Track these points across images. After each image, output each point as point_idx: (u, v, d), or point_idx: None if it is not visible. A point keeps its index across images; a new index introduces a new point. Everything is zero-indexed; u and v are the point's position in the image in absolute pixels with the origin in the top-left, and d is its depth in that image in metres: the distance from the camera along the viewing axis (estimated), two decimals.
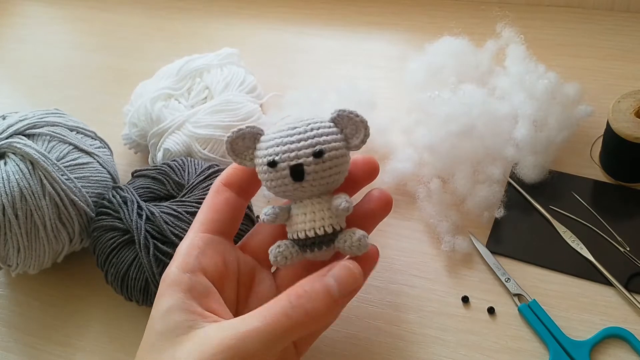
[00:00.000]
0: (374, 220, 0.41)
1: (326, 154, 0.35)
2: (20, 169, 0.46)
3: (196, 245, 0.37)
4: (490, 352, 0.41)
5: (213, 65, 0.59)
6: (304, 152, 0.35)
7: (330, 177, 0.36)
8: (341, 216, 0.37)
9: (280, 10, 0.74)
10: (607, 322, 0.41)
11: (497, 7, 0.58)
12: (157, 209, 0.45)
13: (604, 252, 0.44)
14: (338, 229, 0.36)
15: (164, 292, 0.35)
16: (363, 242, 0.36)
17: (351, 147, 0.37)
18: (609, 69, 0.56)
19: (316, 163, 0.35)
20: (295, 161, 0.34)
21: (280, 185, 0.35)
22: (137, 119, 0.55)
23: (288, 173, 0.35)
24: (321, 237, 0.36)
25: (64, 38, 0.81)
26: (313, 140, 0.35)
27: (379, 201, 0.40)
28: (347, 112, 0.36)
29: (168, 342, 0.33)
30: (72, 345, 0.48)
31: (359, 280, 0.34)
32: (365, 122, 0.36)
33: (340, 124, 0.36)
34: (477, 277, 0.45)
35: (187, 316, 0.34)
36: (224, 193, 0.39)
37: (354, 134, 0.36)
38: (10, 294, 0.53)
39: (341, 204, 0.35)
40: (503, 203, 0.48)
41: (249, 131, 0.36)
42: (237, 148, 0.37)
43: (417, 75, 0.54)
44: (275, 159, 0.35)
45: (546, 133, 0.48)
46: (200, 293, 0.35)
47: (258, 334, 0.32)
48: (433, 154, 0.49)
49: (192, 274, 0.36)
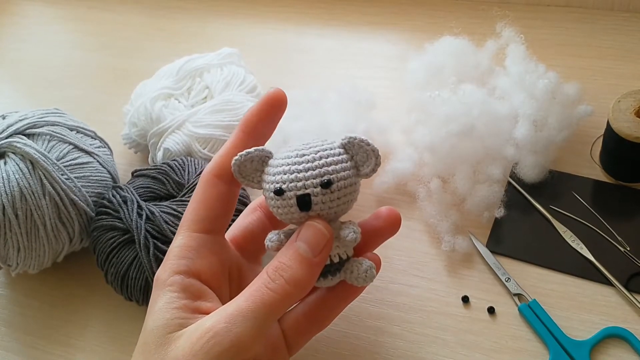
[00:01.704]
0: (380, 239, 0.39)
1: (334, 185, 0.34)
2: (20, 169, 0.46)
3: (189, 246, 0.36)
4: (491, 352, 0.41)
5: (213, 65, 0.59)
6: (312, 182, 0.33)
7: (339, 207, 0.35)
8: (349, 246, 0.36)
9: (280, 10, 0.74)
10: (607, 321, 0.41)
11: (497, 7, 0.58)
12: (157, 209, 0.45)
13: (604, 251, 0.44)
14: (345, 257, 0.36)
15: (158, 292, 0.35)
16: (370, 273, 0.35)
17: (361, 175, 0.35)
18: (609, 68, 0.56)
19: (324, 193, 0.34)
20: (303, 191, 0.34)
21: (287, 213, 0.35)
22: (137, 119, 0.55)
23: (295, 202, 0.34)
24: (327, 266, 0.35)
25: (64, 38, 0.81)
26: (322, 170, 0.34)
27: (388, 219, 0.39)
28: (357, 139, 0.34)
29: (160, 339, 0.33)
30: (72, 345, 0.48)
31: (327, 236, 0.34)
32: (376, 150, 0.35)
33: (351, 151, 0.35)
34: (477, 277, 0.45)
35: (178, 314, 0.33)
36: (215, 186, 0.37)
37: (364, 161, 0.35)
38: (10, 294, 0.53)
39: (349, 234, 0.34)
40: (503, 203, 0.48)
41: (257, 154, 0.35)
42: (244, 170, 0.36)
43: (417, 75, 0.54)
44: (282, 187, 0.34)
45: (546, 133, 0.48)
46: (194, 294, 0.35)
47: (245, 313, 0.32)
48: (433, 154, 0.49)
49: (186, 276, 0.35)
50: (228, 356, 0.31)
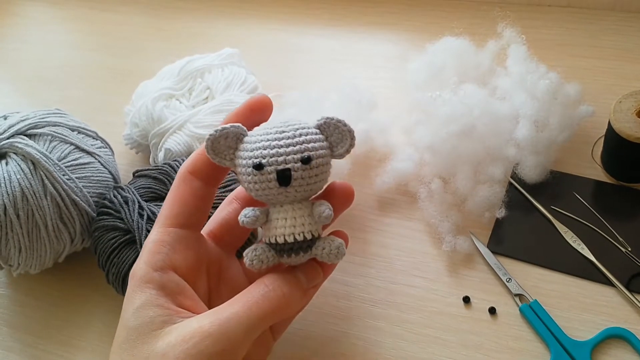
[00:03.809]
0: (335, 213, 0.39)
1: (313, 161, 0.35)
2: (22, 169, 0.46)
3: (164, 241, 0.36)
4: (491, 352, 0.41)
5: (214, 65, 0.59)
6: (292, 157, 0.34)
7: (315, 184, 0.36)
8: (322, 223, 0.36)
9: (281, 10, 0.74)
10: (608, 322, 0.41)
11: (498, 7, 0.58)
12: (158, 209, 0.45)
13: (605, 252, 0.44)
14: (316, 235, 0.36)
15: (135, 289, 0.35)
16: (341, 250, 0.36)
17: (335, 155, 0.36)
18: (610, 69, 0.56)
19: (303, 169, 0.34)
20: (283, 166, 0.34)
21: (264, 189, 0.35)
22: (139, 119, 0.55)
23: (274, 177, 0.34)
24: (300, 243, 0.36)
25: (64, 38, 0.81)
26: (302, 146, 0.35)
27: (341, 193, 0.39)
28: (334, 120, 0.36)
29: (143, 336, 0.33)
30: (73, 345, 0.48)
31: (321, 275, 0.38)
32: (352, 131, 0.36)
33: (326, 132, 0.36)
34: (478, 277, 0.45)
35: (161, 311, 0.34)
36: (190, 183, 0.37)
37: (339, 142, 0.36)
38: (12, 294, 0.53)
39: (324, 211, 0.35)
40: (504, 203, 0.48)
41: (232, 131, 0.36)
42: (218, 147, 0.36)
43: (418, 75, 0.54)
44: (262, 161, 0.34)
45: (547, 133, 0.48)
46: (173, 290, 0.35)
47: (239, 318, 0.33)
48: (434, 154, 0.49)
49: (163, 271, 0.35)
50: (219, 358, 0.32)
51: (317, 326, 0.45)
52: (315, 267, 0.37)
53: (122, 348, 0.34)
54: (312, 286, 0.37)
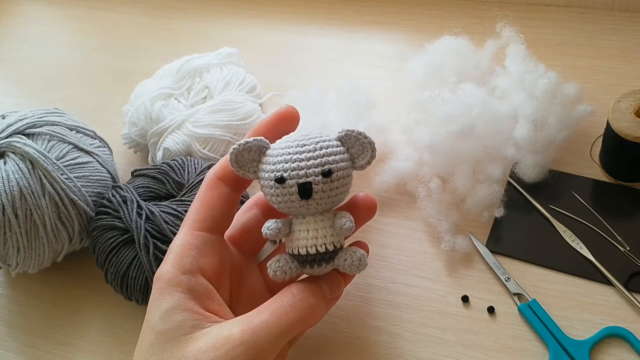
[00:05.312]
0: (357, 224, 0.40)
1: (334, 174, 0.35)
2: (20, 169, 0.46)
3: (192, 244, 0.36)
4: (490, 352, 0.41)
5: (213, 64, 0.59)
6: (313, 170, 0.35)
7: (336, 197, 0.36)
8: (343, 235, 0.37)
9: (280, 9, 0.74)
10: (607, 321, 0.41)
11: (497, 7, 0.58)
12: (157, 209, 0.45)
13: (604, 251, 0.44)
14: (339, 246, 0.37)
15: (163, 292, 0.35)
16: (363, 262, 0.37)
17: (356, 167, 0.37)
18: (609, 68, 0.56)
19: (324, 182, 0.35)
20: (304, 179, 0.35)
21: (286, 202, 0.36)
22: (137, 119, 0.55)
23: (296, 190, 0.35)
24: (322, 255, 0.36)
25: (63, 38, 0.81)
26: (322, 159, 0.35)
27: (364, 205, 0.40)
28: (355, 132, 0.36)
29: (172, 341, 0.33)
30: (72, 345, 0.48)
31: (343, 286, 0.39)
32: (372, 143, 0.36)
33: (347, 144, 0.37)
34: (477, 277, 0.45)
35: (190, 316, 0.34)
36: (218, 188, 0.38)
37: (360, 154, 0.37)
38: (10, 294, 0.53)
39: (345, 223, 0.36)
40: (503, 202, 0.48)
41: (255, 144, 0.36)
42: (241, 160, 0.37)
43: (417, 74, 0.54)
44: (284, 175, 0.35)
45: (546, 132, 0.48)
46: (201, 294, 0.35)
47: (269, 327, 0.33)
48: (433, 154, 0.49)
49: (191, 275, 0.35)
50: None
51: (316, 325, 0.45)
52: (337, 278, 0.38)
53: (149, 352, 0.33)
54: (334, 298, 0.38)
